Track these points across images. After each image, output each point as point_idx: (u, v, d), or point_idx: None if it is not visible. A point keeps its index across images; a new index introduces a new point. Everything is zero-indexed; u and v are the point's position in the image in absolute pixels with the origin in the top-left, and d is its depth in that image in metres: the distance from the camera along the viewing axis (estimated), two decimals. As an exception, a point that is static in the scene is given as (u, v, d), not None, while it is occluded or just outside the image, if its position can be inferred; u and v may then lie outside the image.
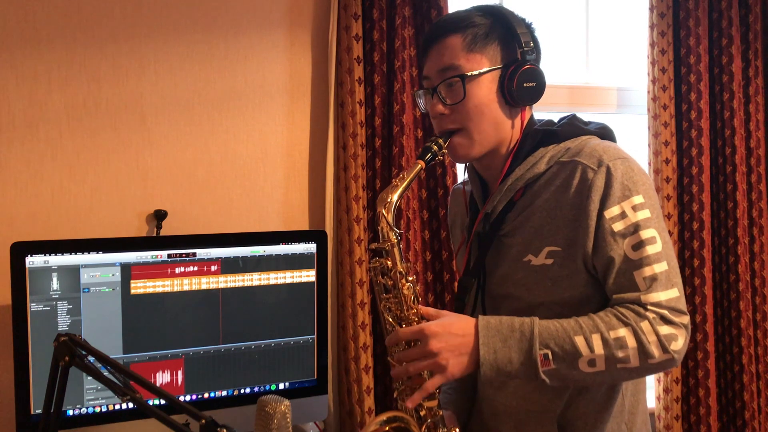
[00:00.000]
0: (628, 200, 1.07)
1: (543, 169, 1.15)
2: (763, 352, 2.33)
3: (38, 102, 1.74)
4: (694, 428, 2.27)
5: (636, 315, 1.05)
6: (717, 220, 2.31)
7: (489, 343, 1.06)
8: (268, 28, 1.94)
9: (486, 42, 1.16)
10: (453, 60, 1.15)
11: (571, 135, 1.17)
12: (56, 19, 1.75)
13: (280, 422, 1.23)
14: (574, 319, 1.07)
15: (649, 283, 1.05)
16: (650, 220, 1.07)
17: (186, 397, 1.62)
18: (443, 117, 1.17)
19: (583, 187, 1.09)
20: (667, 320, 1.04)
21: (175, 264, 1.60)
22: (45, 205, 1.75)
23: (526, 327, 1.06)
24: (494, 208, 1.20)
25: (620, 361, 1.04)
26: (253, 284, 1.67)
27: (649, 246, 1.06)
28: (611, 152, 1.11)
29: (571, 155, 1.13)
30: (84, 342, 1.06)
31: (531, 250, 1.15)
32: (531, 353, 1.05)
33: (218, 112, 1.90)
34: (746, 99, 2.32)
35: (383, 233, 1.13)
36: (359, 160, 1.91)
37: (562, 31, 2.38)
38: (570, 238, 1.11)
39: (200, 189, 1.89)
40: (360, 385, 1.92)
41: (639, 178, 1.10)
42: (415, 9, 1.97)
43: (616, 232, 1.07)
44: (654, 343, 1.03)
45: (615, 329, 1.04)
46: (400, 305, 1.14)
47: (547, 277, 1.13)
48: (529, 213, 1.16)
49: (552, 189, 1.14)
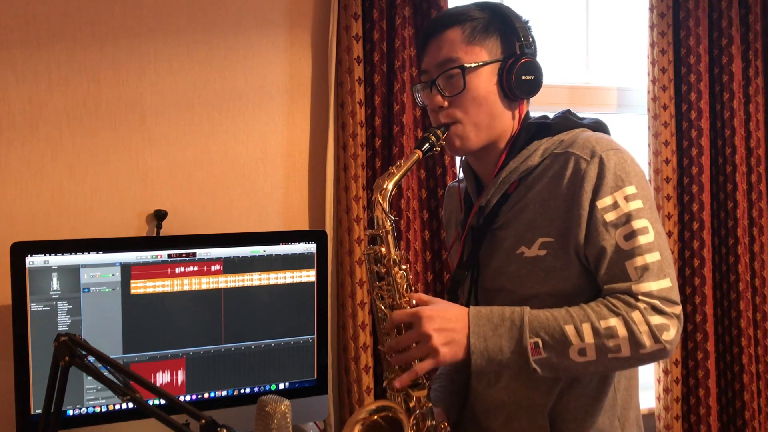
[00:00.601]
0: (621, 190, 1.08)
1: (537, 161, 1.16)
2: (763, 352, 2.33)
3: (38, 102, 1.74)
4: (694, 428, 2.27)
5: (626, 305, 1.05)
6: (717, 220, 2.31)
7: (479, 332, 1.06)
8: (268, 28, 1.94)
9: (485, 35, 1.16)
10: (452, 52, 1.16)
11: (564, 128, 1.18)
12: (56, 19, 1.75)
13: (280, 422, 1.23)
14: (564, 309, 1.08)
15: (640, 272, 1.05)
16: (642, 211, 1.08)
17: (186, 397, 1.62)
18: (441, 109, 1.17)
19: (576, 178, 1.10)
20: (659, 310, 1.04)
21: (175, 264, 1.60)
22: (45, 205, 1.75)
23: (516, 316, 1.07)
24: (488, 201, 1.20)
25: (611, 351, 1.04)
26: (253, 284, 1.67)
27: (641, 236, 1.06)
28: (604, 143, 1.12)
29: (565, 147, 1.14)
30: (84, 342, 1.06)
31: (524, 242, 1.15)
32: (521, 342, 1.05)
33: (218, 112, 1.90)
34: (746, 99, 2.32)
35: (378, 220, 1.13)
36: (359, 160, 1.91)
37: (562, 31, 2.38)
38: (563, 228, 1.11)
39: (200, 189, 1.89)
40: (360, 385, 1.92)
41: (632, 168, 1.10)
42: (415, 9, 1.97)
43: (608, 222, 1.07)
44: (645, 333, 1.03)
45: (605, 318, 1.04)
46: (393, 293, 1.14)
47: (540, 269, 1.13)
48: (522, 205, 1.16)
49: (545, 180, 1.14)
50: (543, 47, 1.24)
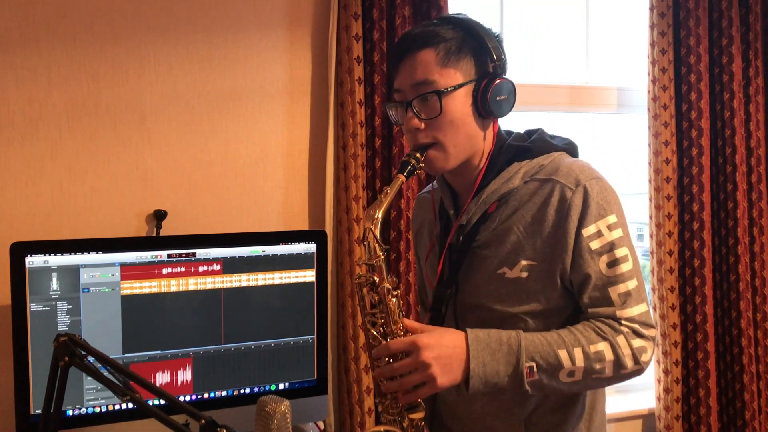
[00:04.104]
0: (603, 219, 1.13)
1: (517, 183, 1.19)
2: (763, 353, 2.33)
3: (38, 102, 1.74)
4: (694, 428, 2.27)
5: (612, 330, 1.11)
6: (717, 220, 2.31)
7: (479, 357, 1.09)
8: (268, 28, 1.94)
9: (459, 56, 1.16)
10: (427, 75, 1.15)
11: (543, 151, 1.21)
12: (56, 19, 1.75)
13: (280, 422, 1.23)
14: (555, 333, 1.12)
15: (623, 298, 1.12)
16: (623, 239, 1.14)
17: (185, 397, 1.62)
18: (418, 131, 1.18)
19: (563, 206, 1.14)
20: (639, 334, 1.12)
21: (175, 264, 1.60)
22: (45, 205, 1.75)
23: (513, 341, 1.11)
24: (468, 220, 1.23)
25: (596, 372, 1.10)
26: (253, 284, 1.67)
27: (623, 264, 1.12)
28: (587, 172, 1.16)
29: (548, 173, 1.18)
30: (84, 342, 1.06)
31: (506, 263, 1.18)
32: (518, 366, 1.09)
33: (218, 113, 1.90)
34: (746, 99, 2.32)
35: (370, 248, 1.15)
36: (359, 160, 1.91)
37: (562, 31, 2.37)
38: (547, 253, 1.15)
39: (200, 189, 1.89)
40: (360, 385, 1.92)
41: (611, 197, 1.16)
42: (415, 9, 1.97)
43: (593, 250, 1.13)
44: (628, 356, 1.10)
45: (594, 343, 1.10)
46: (386, 320, 1.15)
47: (520, 290, 1.17)
48: (506, 227, 1.19)
49: (530, 205, 1.17)
50: (543, 47, 1.24)
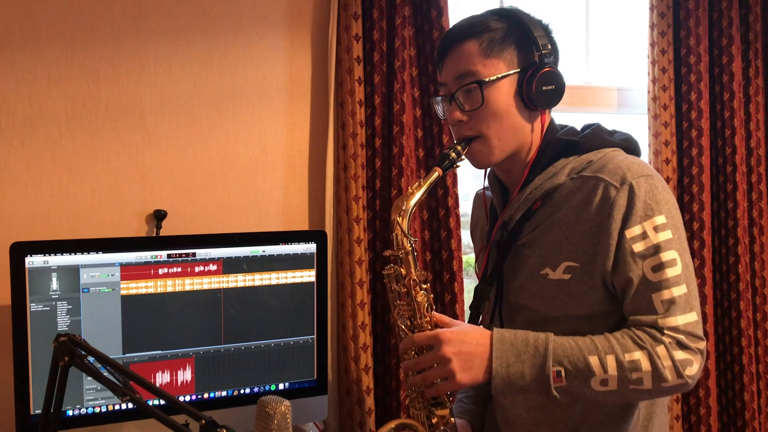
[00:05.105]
0: (650, 220, 1.06)
1: (563, 180, 1.14)
2: (763, 353, 2.33)
3: (38, 102, 1.74)
4: (694, 428, 2.27)
5: (652, 339, 1.04)
6: (717, 220, 2.31)
7: (503, 357, 1.05)
8: (268, 28, 1.94)
9: (503, 46, 1.14)
10: (470, 66, 1.14)
11: (593, 146, 1.15)
12: (56, 19, 1.75)
13: (280, 422, 1.23)
14: (589, 338, 1.06)
15: (667, 306, 1.04)
16: (671, 242, 1.06)
17: (186, 398, 1.62)
18: (462, 124, 1.15)
19: (605, 205, 1.07)
20: (684, 345, 1.04)
21: (175, 264, 1.60)
22: (45, 205, 1.75)
23: (541, 343, 1.06)
24: (512, 217, 1.19)
25: (633, 383, 1.03)
26: (253, 284, 1.67)
27: (669, 268, 1.05)
28: (635, 169, 1.09)
29: (594, 170, 1.11)
30: (84, 342, 1.06)
31: (549, 263, 1.13)
32: (544, 369, 1.04)
33: (218, 112, 1.90)
34: (746, 99, 2.31)
35: (397, 240, 1.12)
36: (359, 160, 1.91)
37: (562, 31, 2.37)
38: (589, 255, 1.09)
39: (200, 189, 1.89)
40: (360, 385, 1.92)
41: (662, 196, 1.08)
42: (415, 9, 1.97)
43: (636, 253, 1.06)
44: (669, 368, 1.03)
45: (630, 351, 1.03)
46: (414, 313, 1.13)
47: (563, 292, 1.12)
48: (548, 226, 1.14)
49: (573, 204, 1.12)
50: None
